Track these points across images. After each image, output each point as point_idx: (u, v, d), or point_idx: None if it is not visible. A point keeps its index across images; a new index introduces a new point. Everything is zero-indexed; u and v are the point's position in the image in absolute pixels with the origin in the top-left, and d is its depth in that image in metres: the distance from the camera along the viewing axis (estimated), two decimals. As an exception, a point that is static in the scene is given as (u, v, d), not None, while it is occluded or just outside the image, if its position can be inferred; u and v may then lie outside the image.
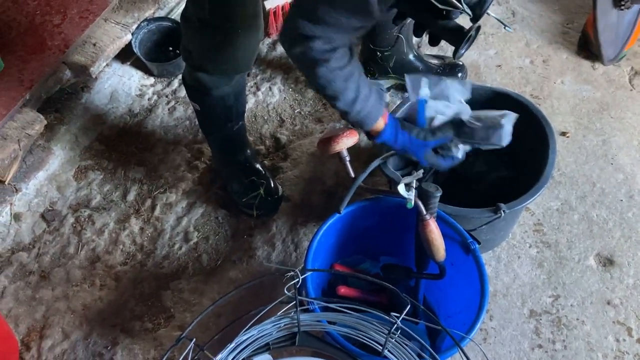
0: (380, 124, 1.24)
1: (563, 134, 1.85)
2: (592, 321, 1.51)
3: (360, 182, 1.33)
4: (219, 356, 0.99)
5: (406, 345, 1.01)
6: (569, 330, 1.50)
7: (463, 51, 1.32)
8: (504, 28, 1.41)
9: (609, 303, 1.54)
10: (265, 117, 1.94)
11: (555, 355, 1.46)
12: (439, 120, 1.30)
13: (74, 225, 1.72)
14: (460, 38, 1.27)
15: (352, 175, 1.34)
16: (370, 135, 1.29)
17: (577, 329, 1.50)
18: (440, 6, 1.21)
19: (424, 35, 1.37)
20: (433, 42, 1.37)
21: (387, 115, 1.28)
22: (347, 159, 1.34)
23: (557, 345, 1.47)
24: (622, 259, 1.60)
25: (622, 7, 0.82)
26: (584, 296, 1.55)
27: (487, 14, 1.30)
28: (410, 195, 1.20)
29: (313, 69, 1.11)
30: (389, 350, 1.02)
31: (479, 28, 1.29)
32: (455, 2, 1.20)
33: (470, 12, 1.27)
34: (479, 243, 1.26)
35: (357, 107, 1.17)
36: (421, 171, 1.26)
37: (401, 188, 1.21)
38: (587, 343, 1.48)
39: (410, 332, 1.02)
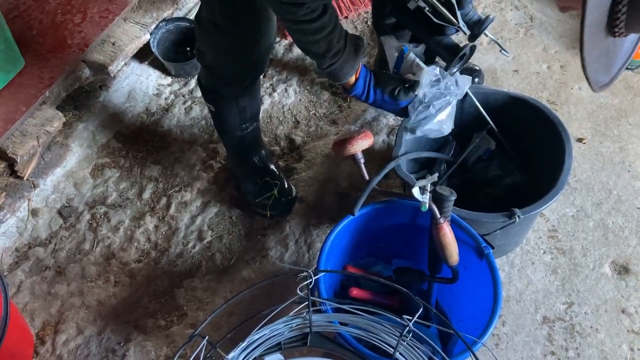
0: (352, 79, 1.27)
1: (579, 140, 1.84)
2: (606, 329, 1.50)
3: (374, 185, 1.33)
4: (231, 354, 1.00)
5: (418, 348, 1.01)
6: (582, 338, 1.48)
7: (455, 70, 1.31)
8: (501, 51, 1.41)
9: (623, 311, 1.52)
10: (281, 118, 1.95)
11: (568, 363, 1.45)
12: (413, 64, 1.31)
13: (90, 221, 1.74)
14: (453, 56, 1.27)
15: (367, 177, 1.35)
16: (345, 89, 1.31)
17: (590, 337, 1.49)
18: (436, 21, 1.21)
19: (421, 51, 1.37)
20: (428, 58, 1.37)
21: (360, 70, 1.28)
22: (362, 161, 1.34)
23: (570, 352, 1.46)
24: (637, 267, 1.59)
25: (617, 35, 0.80)
26: (598, 304, 1.54)
27: (485, 34, 1.30)
28: (425, 199, 1.20)
29: (285, 19, 1.13)
30: (400, 353, 1.02)
31: (474, 47, 1.28)
32: (452, 18, 1.20)
33: (466, 30, 1.27)
34: (492, 248, 1.26)
35: (327, 61, 1.19)
36: (436, 175, 1.26)
37: (416, 191, 1.21)
38: (601, 351, 1.46)
39: (422, 335, 1.01)
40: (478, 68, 1.92)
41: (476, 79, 1.91)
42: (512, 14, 2.17)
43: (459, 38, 1.42)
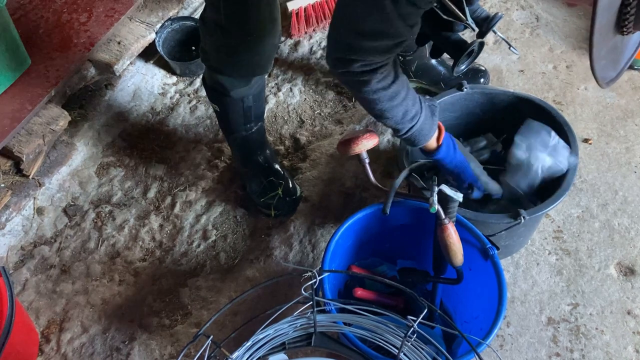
0: (433, 141, 1.25)
1: (585, 140, 1.83)
2: (612, 331, 1.49)
3: (398, 185, 1.30)
4: (236, 354, 1.00)
5: (422, 349, 1.01)
6: (587, 340, 1.48)
7: (463, 67, 1.30)
8: (509, 48, 1.40)
9: (629, 313, 1.52)
10: (286, 118, 1.95)
11: (573, 364, 1.44)
12: None
13: (95, 220, 1.74)
14: (460, 52, 1.26)
15: (372, 177, 1.34)
16: (423, 151, 1.30)
17: (596, 338, 1.48)
18: (444, 17, 1.20)
19: (424, 44, 1.37)
20: (434, 53, 1.36)
21: (443, 134, 1.28)
22: (367, 161, 1.34)
23: (575, 354, 1.46)
24: (643, 268, 1.58)
25: (625, 33, 0.81)
26: (604, 305, 1.53)
27: (493, 31, 1.29)
28: (434, 199, 1.19)
29: (357, 89, 1.12)
30: (404, 354, 1.02)
31: (482, 44, 1.27)
32: (460, 14, 1.19)
33: (474, 27, 1.26)
34: (497, 249, 1.26)
35: (406, 125, 1.18)
36: (461, 195, 1.25)
37: (446, 190, 1.20)
38: (606, 353, 1.46)
39: (427, 335, 1.01)
40: (484, 68, 1.91)
41: (482, 79, 1.90)
42: (518, 13, 2.16)
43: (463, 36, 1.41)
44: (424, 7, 1.00)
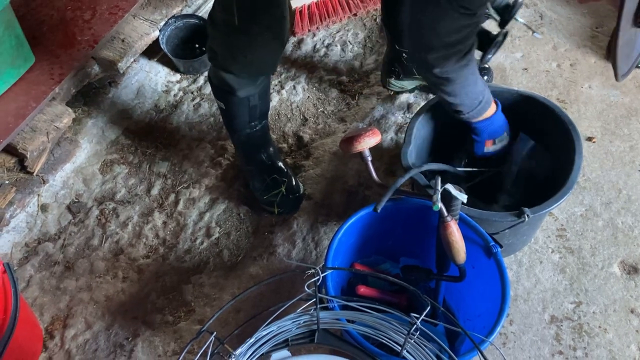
0: (492, 107, 1.40)
1: (589, 139, 1.83)
2: (615, 329, 1.49)
3: (398, 186, 1.31)
4: (239, 350, 1.00)
5: (425, 346, 1.01)
6: (590, 338, 1.48)
7: (490, 56, 1.32)
8: (533, 34, 1.41)
9: (632, 311, 1.51)
10: (289, 116, 1.95)
11: (576, 363, 1.44)
12: None
13: (99, 217, 1.74)
14: (488, 43, 1.27)
15: (374, 175, 1.35)
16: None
17: (599, 336, 1.48)
18: None
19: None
20: None
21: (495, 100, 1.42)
22: (369, 158, 1.34)
23: (578, 352, 1.46)
24: (647, 267, 1.58)
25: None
26: (607, 304, 1.53)
27: (515, 19, 1.30)
28: (437, 197, 1.19)
29: (442, 86, 1.26)
30: (407, 351, 1.02)
31: (506, 33, 1.28)
32: None
33: (497, 17, 1.26)
34: (501, 247, 1.25)
35: (469, 103, 1.34)
36: (465, 197, 1.26)
37: (451, 189, 1.21)
38: (609, 351, 1.46)
39: (430, 333, 1.01)
40: (487, 66, 1.91)
41: (485, 77, 1.90)
42: (522, 11, 2.15)
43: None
44: None
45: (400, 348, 1.03)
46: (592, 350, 1.46)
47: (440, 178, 1.22)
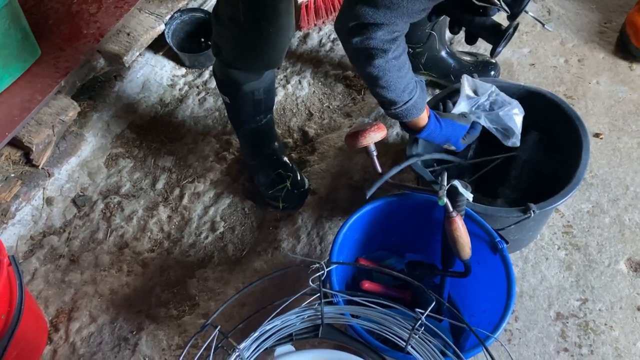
0: (424, 116, 1.27)
1: (597, 135, 1.81)
2: (621, 327, 1.48)
3: (388, 177, 1.32)
4: (243, 344, 1.00)
5: (430, 341, 1.01)
6: (596, 335, 1.47)
7: (500, 49, 1.30)
8: (543, 26, 1.39)
9: (639, 309, 1.50)
10: (294, 111, 1.95)
11: (581, 360, 1.44)
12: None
13: (104, 211, 1.75)
14: (499, 36, 1.26)
15: (379, 170, 1.34)
16: (410, 129, 1.30)
17: (604, 334, 1.47)
18: (477, 3, 1.19)
19: (459, 32, 1.36)
20: (470, 40, 1.36)
21: (429, 111, 1.29)
22: (375, 153, 1.34)
23: (583, 349, 1.45)
24: (654, 264, 1.57)
25: None
26: (613, 301, 1.52)
27: (525, 12, 1.28)
28: (443, 192, 1.19)
29: (370, 59, 1.11)
30: (412, 346, 1.02)
31: (517, 26, 1.27)
32: None
33: (508, 10, 1.25)
34: (506, 242, 1.25)
35: (405, 97, 1.19)
36: (470, 195, 1.25)
37: (460, 187, 1.20)
38: (615, 349, 1.45)
39: (434, 328, 1.01)
40: (494, 61, 1.90)
41: (492, 72, 1.89)
42: (529, 6, 2.13)
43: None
44: None
45: (404, 343, 1.02)
46: (597, 347, 1.45)
47: (446, 173, 1.22)
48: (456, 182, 1.21)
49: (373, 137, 1.29)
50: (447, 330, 1.37)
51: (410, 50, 1.85)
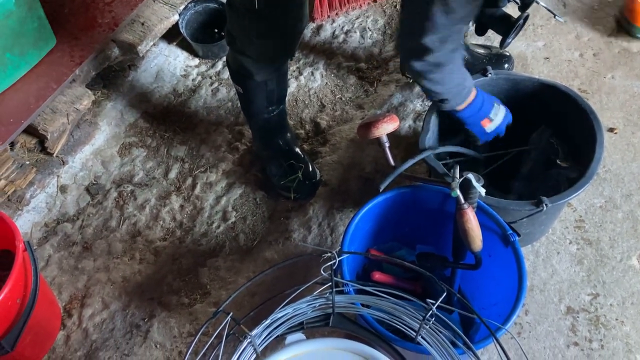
0: (473, 92, 1.36)
1: (611, 130, 1.80)
2: (632, 322, 1.47)
3: (403, 170, 1.32)
4: (255, 331, 1.01)
5: (440, 332, 1.01)
6: (607, 330, 1.46)
7: (510, 40, 1.30)
8: (554, 17, 1.38)
9: (650, 305, 1.50)
10: (306, 102, 1.95)
11: (592, 354, 1.43)
12: None
13: (117, 199, 1.76)
14: (509, 27, 1.25)
15: (392, 161, 1.34)
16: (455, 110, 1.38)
17: (615, 329, 1.47)
18: None
19: (471, 24, 1.36)
20: (480, 31, 1.36)
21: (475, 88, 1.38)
22: (387, 145, 1.34)
23: (594, 344, 1.45)
24: (666, 260, 1.56)
25: None
26: (625, 296, 1.51)
27: (537, 2, 1.28)
28: (455, 184, 1.19)
29: (431, 73, 1.22)
30: (422, 337, 1.02)
31: (527, 17, 1.26)
32: None
33: (519, 1, 1.24)
34: (519, 235, 1.24)
35: (455, 90, 1.30)
36: (483, 189, 1.25)
37: (473, 181, 1.20)
38: (626, 344, 1.44)
39: (445, 319, 1.01)
40: (508, 54, 1.89)
41: (506, 65, 1.88)
42: (544, 0, 2.12)
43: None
44: None
45: (414, 334, 1.03)
46: (608, 342, 1.45)
47: (458, 166, 1.21)
48: (469, 175, 1.21)
49: (386, 128, 1.29)
50: (457, 322, 1.37)
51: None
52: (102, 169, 1.82)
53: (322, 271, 1.01)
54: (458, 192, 1.19)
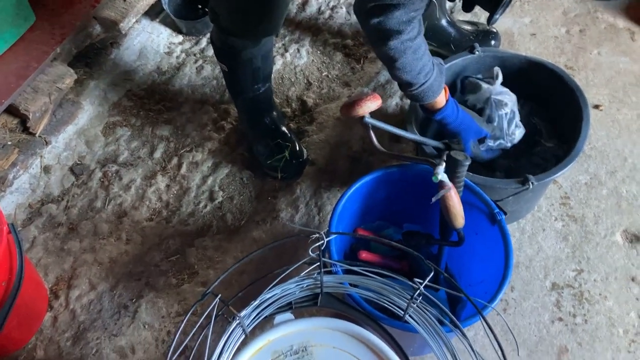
0: (441, 99, 1.28)
1: (596, 106, 1.81)
2: (615, 297, 1.50)
3: (391, 129, 1.30)
4: (243, 312, 1.01)
5: (427, 310, 1.02)
6: (590, 305, 1.49)
7: (498, 16, 1.29)
8: None
9: (633, 280, 1.52)
10: (293, 80, 1.93)
11: (576, 329, 1.46)
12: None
13: (102, 179, 1.74)
14: (497, 3, 1.24)
15: (375, 140, 1.32)
16: (426, 109, 1.31)
17: (599, 304, 1.49)
18: None
19: (457, 0, 1.34)
20: (467, 7, 1.34)
21: (447, 92, 1.29)
22: (371, 124, 1.32)
23: (577, 319, 1.47)
24: (649, 236, 1.58)
25: None
26: (608, 272, 1.53)
27: None
28: (440, 169, 1.19)
29: (386, 40, 1.13)
30: (410, 315, 1.03)
31: None
32: None
33: None
34: (505, 214, 1.25)
35: (421, 80, 1.20)
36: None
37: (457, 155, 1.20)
38: (609, 318, 1.47)
39: (432, 298, 1.02)
40: (495, 30, 1.88)
41: (492, 42, 1.87)
42: (532, -25, 2.11)
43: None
44: None
45: (402, 312, 1.03)
46: (591, 317, 1.47)
47: (447, 152, 1.21)
48: (453, 152, 1.21)
49: (369, 107, 1.28)
50: (444, 300, 1.39)
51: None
52: (86, 148, 1.80)
53: (310, 252, 1.01)
54: (440, 176, 1.18)
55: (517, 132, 1.46)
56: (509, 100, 1.46)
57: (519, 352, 1.42)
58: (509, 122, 1.45)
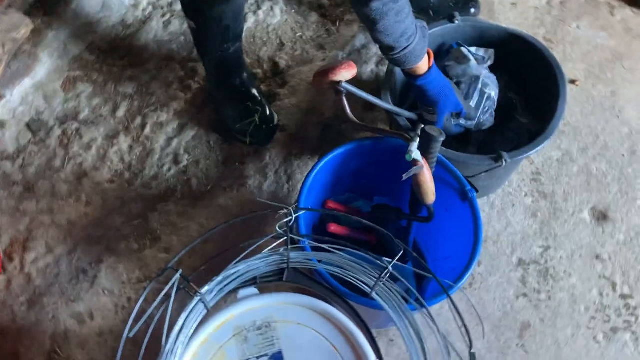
0: (423, 64, 1.22)
1: (572, 82, 1.79)
2: (579, 274, 1.51)
3: (366, 96, 1.25)
4: (205, 288, 0.97)
5: (393, 288, 1.00)
6: (555, 282, 1.50)
7: None
8: None
9: (597, 257, 1.54)
10: (265, 39, 1.85)
11: (539, 305, 1.47)
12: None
13: (61, 137, 1.66)
14: None
15: (349, 111, 1.28)
16: (409, 75, 1.26)
17: (563, 280, 1.50)
18: None
19: None
20: None
21: (432, 57, 1.24)
22: (345, 93, 1.27)
23: (541, 295, 1.48)
24: (616, 214, 1.59)
25: None
26: (574, 249, 1.54)
27: None
28: (414, 147, 1.15)
29: (368, 1, 1.06)
30: (376, 293, 1.01)
31: None
32: None
33: None
34: (477, 191, 1.23)
35: (403, 43, 1.14)
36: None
37: (431, 131, 1.16)
38: (572, 295, 1.49)
39: (399, 276, 1.00)
40: (476, -2, 1.83)
41: (472, 9, 1.82)
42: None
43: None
44: None
45: (369, 290, 1.01)
46: (555, 293, 1.49)
47: (422, 127, 1.17)
48: (428, 128, 1.17)
49: (343, 75, 1.22)
50: (411, 273, 1.37)
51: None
52: (45, 104, 1.70)
53: (277, 228, 0.97)
54: (413, 156, 1.15)
55: (488, 123, 1.43)
56: (493, 89, 1.41)
57: (483, 327, 1.42)
58: (486, 111, 1.41)
